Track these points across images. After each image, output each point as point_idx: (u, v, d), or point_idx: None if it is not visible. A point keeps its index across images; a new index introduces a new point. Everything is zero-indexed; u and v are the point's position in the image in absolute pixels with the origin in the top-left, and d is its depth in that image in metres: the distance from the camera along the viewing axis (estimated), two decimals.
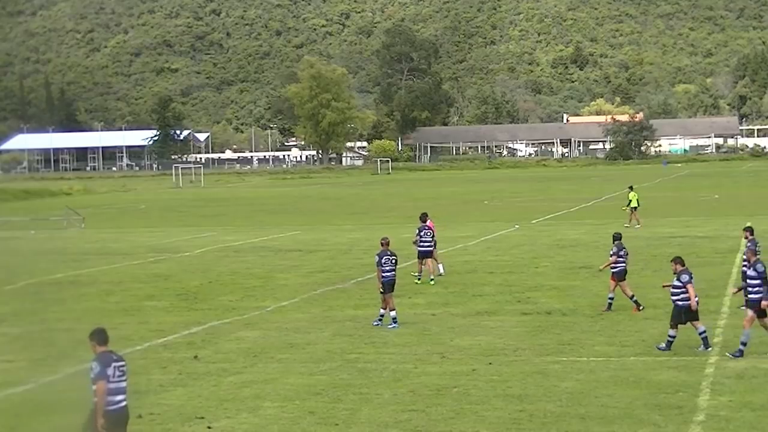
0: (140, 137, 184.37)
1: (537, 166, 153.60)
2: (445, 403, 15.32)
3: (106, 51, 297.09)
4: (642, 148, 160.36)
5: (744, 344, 17.83)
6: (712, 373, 16.67)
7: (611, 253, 22.93)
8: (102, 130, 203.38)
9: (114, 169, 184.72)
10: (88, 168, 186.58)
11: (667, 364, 17.46)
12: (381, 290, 21.80)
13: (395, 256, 22.40)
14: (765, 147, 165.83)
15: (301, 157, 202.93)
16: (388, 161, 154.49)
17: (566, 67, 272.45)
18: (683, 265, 18.61)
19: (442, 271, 29.40)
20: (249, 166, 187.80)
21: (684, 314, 18.34)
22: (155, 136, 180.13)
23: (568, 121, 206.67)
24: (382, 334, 21.08)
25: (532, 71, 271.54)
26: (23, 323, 24.21)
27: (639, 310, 22.42)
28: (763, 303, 17.80)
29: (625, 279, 22.85)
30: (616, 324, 20.34)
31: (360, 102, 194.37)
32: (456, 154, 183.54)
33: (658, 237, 39.14)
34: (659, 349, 18.46)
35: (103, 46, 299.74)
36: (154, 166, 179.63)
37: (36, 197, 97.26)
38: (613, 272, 22.80)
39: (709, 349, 18.42)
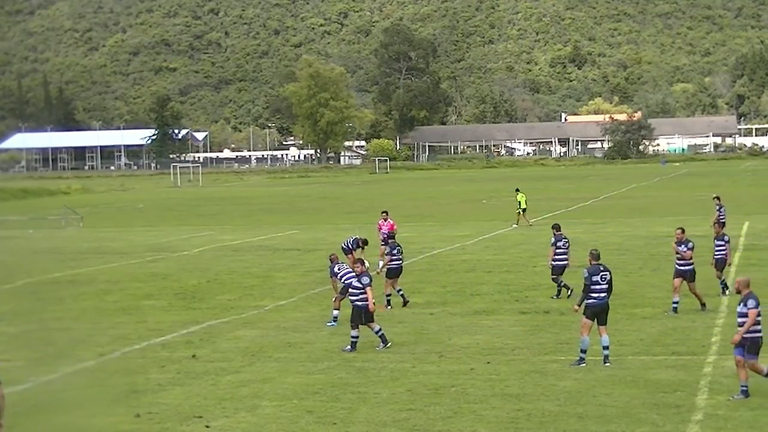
0: (138, 136, 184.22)
1: (535, 166, 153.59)
2: (443, 402, 15.32)
3: (105, 50, 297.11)
4: (640, 147, 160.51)
5: (583, 351, 17.60)
6: (710, 373, 16.67)
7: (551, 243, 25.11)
8: (100, 129, 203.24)
9: (112, 168, 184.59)
10: (87, 167, 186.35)
11: (665, 363, 17.47)
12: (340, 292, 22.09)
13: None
14: (763, 146, 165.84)
15: (299, 156, 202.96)
16: (386, 160, 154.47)
17: (564, 67, 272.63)
18: (363, 264, 19.68)
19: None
20: (247, 165, 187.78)
21: (363, 315, 19.26)
22: (153, 135, 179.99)
23: (566, 120, 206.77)
24: None
25: (530, 70, 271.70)
26: (21, 322, 24.21)
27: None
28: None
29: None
30: (613, 323, 20.31)
31: (358, 101, 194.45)
32: (454, 153, 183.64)
33: (656, 236, 39.14)
34: (345, 350, 19.22)
35: (101, 45, 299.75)
36: (153, 165, 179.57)
37: (34, 196, 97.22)
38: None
39: (388, 345, 19.28)
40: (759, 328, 15.04)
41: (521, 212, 46.78)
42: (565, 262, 24.92)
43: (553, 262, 24.75)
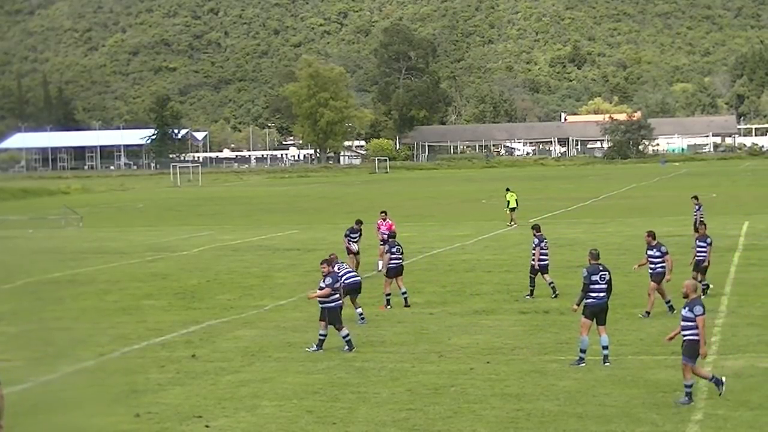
0: (138, 136, 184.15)
1: (535, 165, 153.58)
2: (443, 402, 15.33)
3: (104, 50, 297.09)
4: (640, 147, 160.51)
5: (583, 351, 17.57)
6: (710, 372, 16.66)
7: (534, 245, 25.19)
8: (100, 129, 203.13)
9: (112, 168, 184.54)
10: (86, 167, 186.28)
11: (665, 363, 17.47)
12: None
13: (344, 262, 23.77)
14: (763, 146, 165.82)
15: (299, 156, 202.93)
16: (386, 160, 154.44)
17: (564, 66, 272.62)
18: (330, 265, 19.86)
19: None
20: (247, 165, 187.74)
21: (339, 313, 19.53)
22: (153, 135, 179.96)
23: (566, 120, 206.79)
24: (379, 333, 21.10)
25: (530, 70, 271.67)
26: (21, 322, 24.21)
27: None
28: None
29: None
30: (613, 323, 20.36)
31: (358, 101, 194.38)
32: (454, 153, 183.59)
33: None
34: (344, 351, 19.23)
35: (101, 45, 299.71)
36: (152, 165, 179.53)
37: (34, 196, 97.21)
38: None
39: (321, 351, 19.32)
40: (698, 332, 14.92)
41: (509, 211, 47.04)
42: (548, 261, 25.37)
43: (539, 263, 24.99)
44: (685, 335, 15.01)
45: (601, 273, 17.62)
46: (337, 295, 19.52)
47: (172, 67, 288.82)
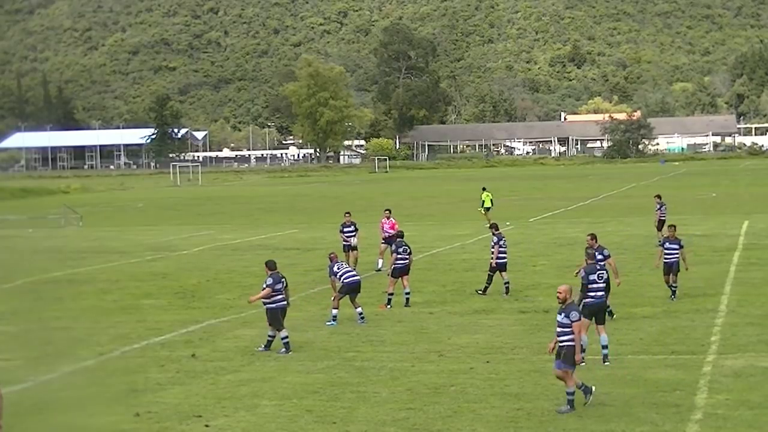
0: (138, 136, 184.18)
1: (535, 165, 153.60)
2: (443, 401, 15.32)
3: (104, 49, 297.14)
4: (639, 146, 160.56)
5: (582, 351, 17.55)
6: (709, 372, 16.67)
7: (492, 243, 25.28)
8: (100, 129, 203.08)
9: (112, 167, 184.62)
10: (86, 166, 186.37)
11: (665, 363, 17.47)
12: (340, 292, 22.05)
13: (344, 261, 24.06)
14: (762, 145, 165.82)
15: (298, 155, 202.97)
16: (385, 160, 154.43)
17: (564, 66, 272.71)
18: (274, 269, 19.40)
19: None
20: (246, 165, 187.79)
21: (282, 315, 19.32)
22: (153, 134, 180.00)
23: (565, 119, 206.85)
24: (379, 332, 21.09)
25: (529, 69, 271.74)
26: (21, 322, 24.20)
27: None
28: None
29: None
30: (613, 322, 20.37)
31: (358, 100, 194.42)
32: (454, 152, 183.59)
33: (656, 235, 39.08)
34: (279, 353, 19.12)
35: (100, 45, 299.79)
36: (152, 164, 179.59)
37: (34, 196, 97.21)
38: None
39: (267, 350, 19.30)
40: (573, 337, 14.69)
41: (484, 211, 47.26)
42: (506, 260, 25.52)
43: (497, 261, 25.16)
44: (561, 341, 14.70)
45: (599, 272, 17.64)
46: (281, 296, 19.35)
47: (171, 67, 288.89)
